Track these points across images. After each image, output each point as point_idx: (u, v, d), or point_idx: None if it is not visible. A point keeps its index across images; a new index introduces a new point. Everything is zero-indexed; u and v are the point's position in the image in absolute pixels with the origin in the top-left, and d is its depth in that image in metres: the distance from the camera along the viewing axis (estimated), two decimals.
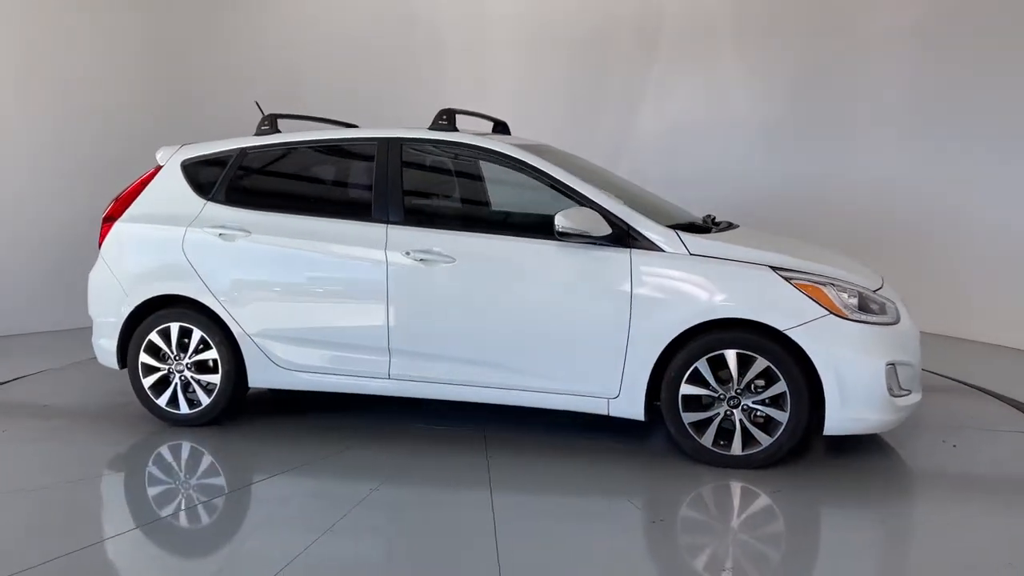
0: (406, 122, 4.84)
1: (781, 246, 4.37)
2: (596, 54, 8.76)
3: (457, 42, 9.01)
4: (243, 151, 4.81)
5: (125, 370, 4.81)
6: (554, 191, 4.32)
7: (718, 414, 4.06)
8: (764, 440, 4.02)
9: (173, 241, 4.73)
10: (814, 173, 7.90)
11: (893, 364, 3.97)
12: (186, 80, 8.14)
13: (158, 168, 4.90)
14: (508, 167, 4.46)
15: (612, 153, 7.78)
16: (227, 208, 4.72)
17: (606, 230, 4.11)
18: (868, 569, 3.30)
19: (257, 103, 5.47)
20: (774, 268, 4.03)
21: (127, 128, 7.62)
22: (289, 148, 4.85)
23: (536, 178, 4.37)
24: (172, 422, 4.76)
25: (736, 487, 3.92)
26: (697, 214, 4.81)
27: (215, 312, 4.63)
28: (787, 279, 3.99)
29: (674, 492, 3.93)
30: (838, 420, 3.93)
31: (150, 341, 4.74)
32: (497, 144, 4.48)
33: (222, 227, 4.64)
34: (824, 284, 3.98)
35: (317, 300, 4.57)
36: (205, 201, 4.75)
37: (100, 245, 4.93)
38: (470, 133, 4.59)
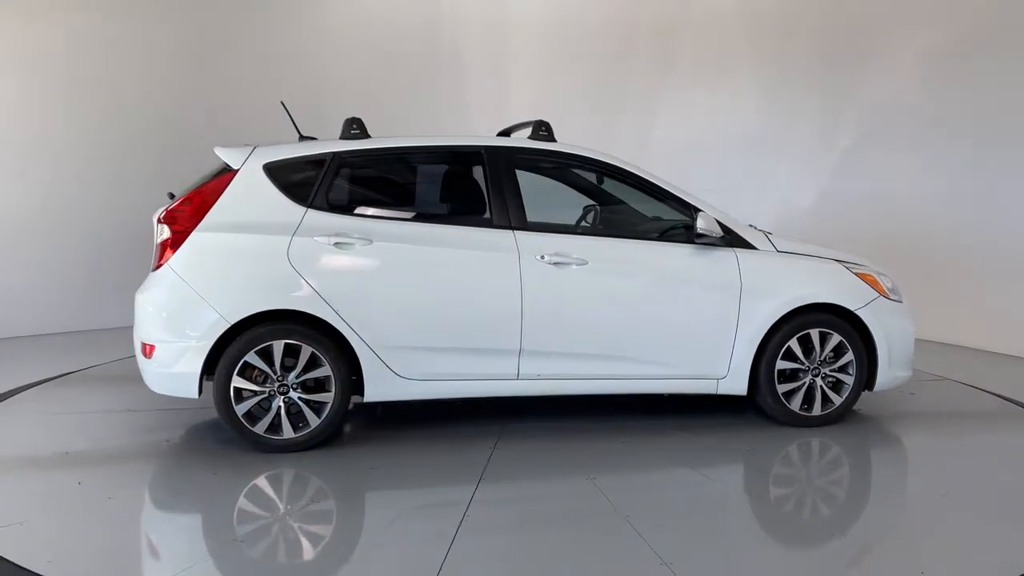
0: (430, 130, 5.03)
1: (824, 246, 5.30)
2: (614, 66, 9.26)
3: (478, 53, 9.61)
4: (338, 155, 4.54)
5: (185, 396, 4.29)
6: (655, 198, 4.84)
7: (804, 383, 4.91)
8: (836, 400, 4.96)
9: (277, 251, 4.32)
10: (831, 186, 8.32)
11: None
12: (208, 87, 8.43)
13: (230, 172, 4.41)
14: (612, 176, 4.86)
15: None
16: (333, 215, 4.43)
17: (720, 232, 4.74)
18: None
19: (283, 103, 5.11)
20: (839, 261, 4.99)
21: (150, 132, 8.10)
22: (388, 154, 4.69)
23: (640, 187, 4.83)
24: (271, 449, 4.34)
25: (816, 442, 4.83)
26: None
27: (331, 325, 4.34)
28: (849, 269, 4.97)
29: (781, 443, 4.71)
30: (885, 379, 5.01)
31: (246, 363, 4.28)
32: (605, 156, 4.85)
33: (337, 235, 4.37)
34: (874, 273, 5.03)
35: (446, 306, 4.51)
36: (305, 208, 4.41)
37: (162, 258, 4.31)
38: (572, 144, 4.88)
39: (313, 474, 4.15)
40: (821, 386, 4.92)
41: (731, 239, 4.79)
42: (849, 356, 4.92)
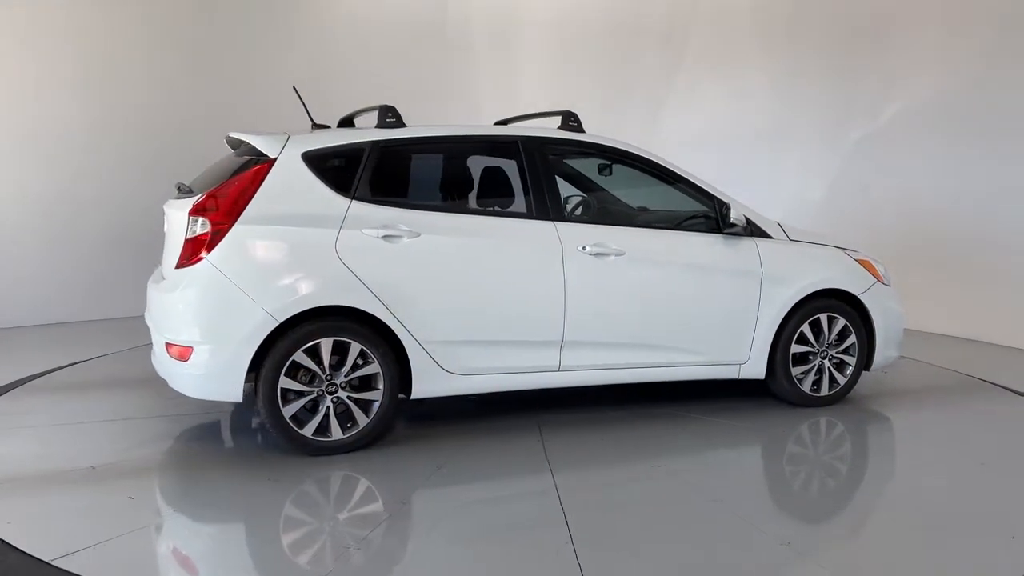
0: (437, 121, 4.97)
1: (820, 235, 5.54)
2: (623, 57, 9.25)
3: (486, 46, 9.70)
4: (378, 144, 4.37)
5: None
6: (679, 189, 4.95)
7: (814, 365, 5.16)
8: (841, 380, 5.24)
9: (324, 245, 4.12)
10: (841, 178, 8.23)
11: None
12: (213, 75, 8.33)
13: (267, 162, 4.16)
14: (639, 167, 4.92)
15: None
16: (377, 207, 4.27)
17: (745, 223, 4.90)
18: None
19: (295, 89, 4.88)
20: (840, 248, 5.27)
21: (159, 124, 8.03)
22: (427, 143, 4.56)
23: (665, 177, 4.92)
24: (319, 452, 4.15)
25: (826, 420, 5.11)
26: None
27: (381, 321, 4.19)
28: (851, 256, 5.26)
29: (791, 424, 4.95)
30: (880, 359, 5.33)
31: (294, 362, 4.07)
32: (632, 146, 4.90)
33: (385, 227, 4.22)
34: (870, 259, 5.34)
35: (492, 299, 4.44)
36: (349, 199, 4.23)
37: (194, 254, 4.02)
38: (600, 135, 4.91)
39: (377, 477, 3.99)
40: (828, 368, 5.19)
41: (751, 229, 4.97)
42: (852, 338, 5.20)
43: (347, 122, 5.12)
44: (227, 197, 4.07)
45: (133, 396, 5.24)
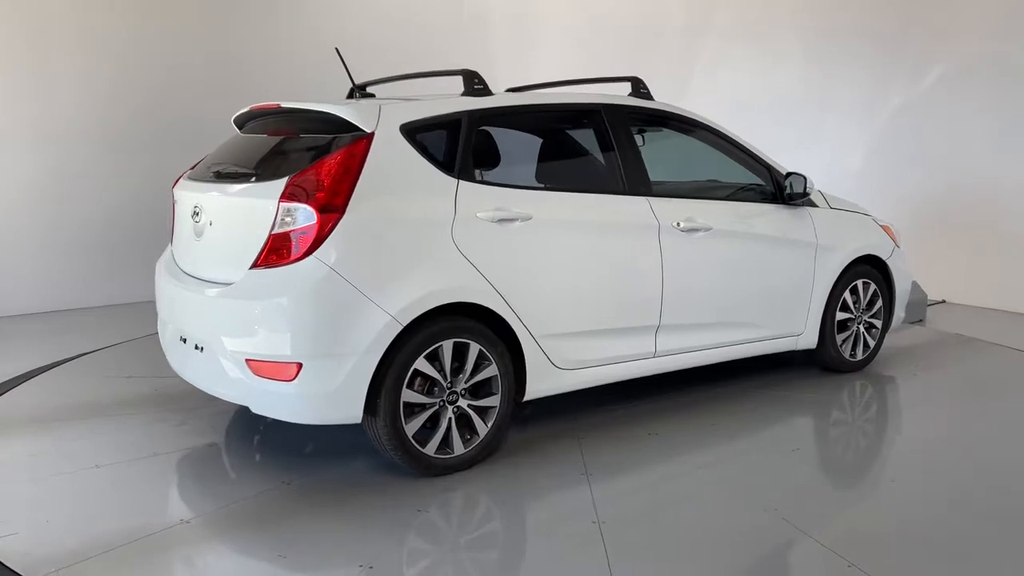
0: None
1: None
2: (650, 24, 8.91)
3: (504, 17, 9.41)
4: (473, 115, 3.81)
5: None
6: (740, 160, 4.77)
7: (853, 331, 5.23)
8: (871, 343, 5.36)
9: (441, 234, 3.54)
10: (879, 145, 7.90)
11: None
12: (222, 51, 7.88)
13: (364, 137, 3.48)
14: (707, 136, 4.68)
15: None
16: (483, 187, 3.73)
17: (809, 192, 4.82)
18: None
19: (337, 50, 4.18)
20: (867, 214, 5.35)
21: (162, 101, 7.59)
22: (520, 112, 4.05)
23: (729, 147, 4.73)
24: (442, 471, 3.61)
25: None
26: None
27: (500, 317, 3.69)
28: (876, 222, 5.36)
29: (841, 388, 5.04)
30: (895, 321, 5.52)
31: (415, 371, 3.48)
32: (698, 115, 4.64)
33: (498, 210, 3.69)
34: (889, 225, 5.47)
35: (600, 285, 4.05)
36: (455, 179, 3.65)
37: (296, 250, 3.31)
38: (668, 103, 4.60)
39: (483, 491, 3.54)
40: (863, 332, 5.29)
41: (805, 199, 4.92)
42: (879, 302, 5.33)
43: (361, 89, 4.47)
44: (330, 180, 3.37)
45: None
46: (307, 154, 3.58)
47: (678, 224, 4.28)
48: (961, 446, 4.18)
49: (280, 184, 3.40)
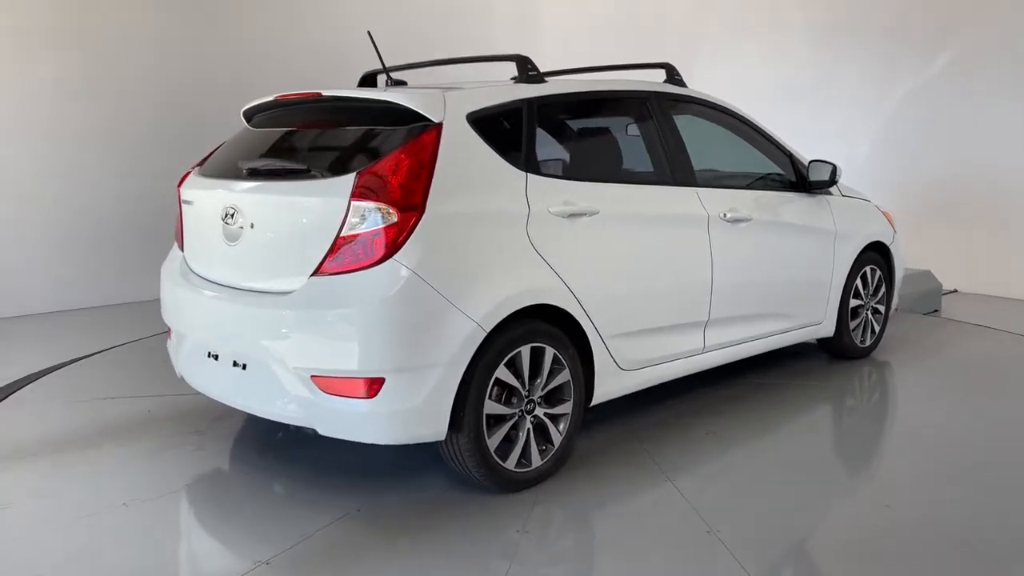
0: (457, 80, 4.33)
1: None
2: (653, 8, 8.81)
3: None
4: (533, 103, 3.54)
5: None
6: (763, 148, 4.69)
7: (863, 318, 5.26)
8: (877, 328, 5.40)
9: (516, 231, 3.29)
10: (887, 133, 7.82)
11: None
12: (226, 42, 7.71)
13: (433, 128, 3.17)
14: (736, 125, 4.56)
15: None
16: (550, 180, 3.49)
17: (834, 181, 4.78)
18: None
19: (369, 33, 3.83)
20: (869, 200, 5.38)
21: (169, 99, 7.40)
22: (577, 99, 3.82)
23: (755, 135, 4.63)
24: (522, 486, 3.36)
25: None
26: None
27: (573, 319, 3.46)
28: (878, 209, 5.40)
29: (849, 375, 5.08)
30: (893, 305, 5.60)
31: (496, 379, 3.21)
32: (727, 103, 4.52)
33: (567, 205, 3.45)
34: (888, 211, 5.53)
35: (660, 280, 3.88)
36: (523, 172, 3.38)
37: (371, 253, 2.98)
38: (701, 92, 4.45)
39: (575, 502, 3.33)
40: (870, 318, 5.33)
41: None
42: (883, 289, 5.39)
43: (370, 79, 4.16)
44: (406, 175, 3.05)
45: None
46: (366, 148, 3.25)
47: (724, 215, 4.16)
48: None
49: (347, 181, 3.06)
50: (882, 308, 5.40)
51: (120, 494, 3.39)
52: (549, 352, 3.39)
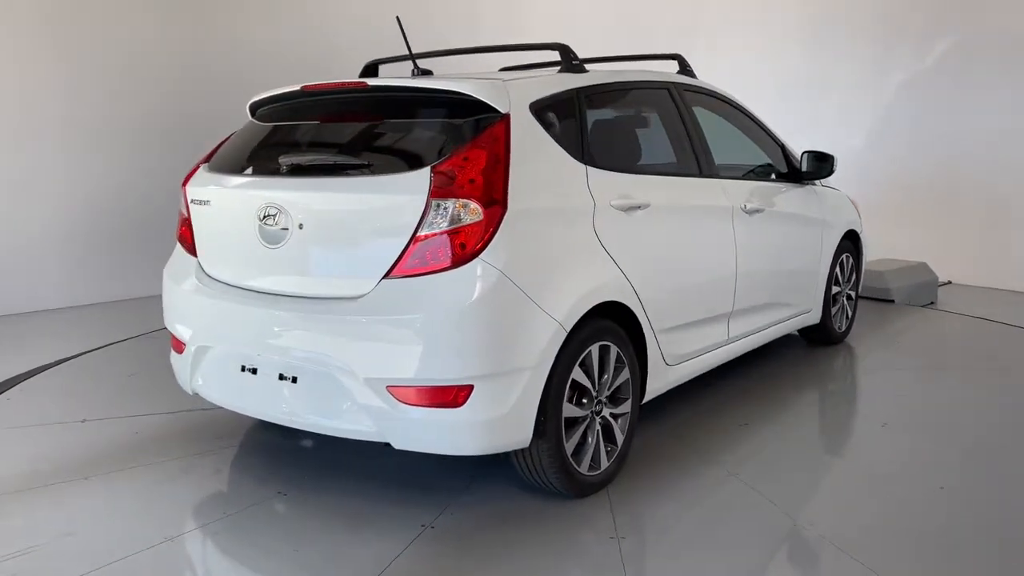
0: (440, 67, 4.20)
1: None
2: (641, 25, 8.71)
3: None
4: (582, 92, 3.40)
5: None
6: (758, 139, 4.74)
7: (840, 304, 5.41)
8: (850, 314, 5.58)
9: (585, 227, 3.16)
10: (880, 127, 7.72)
11: None
12: (227, 36, 7.60)
13: (501, 119, 2.98)
14: (733, 116, 4.58)
15: None
16: (606, 172, 3.36)
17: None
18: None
19: (398, 19, 3.59)
20: (840, 191, 5.54)
21: (166, 96, 7.29)
22: (620, 89, 3.75)
23: (751, 128, 4.68)
24: (594, 489, 3.24)
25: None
26: None
27: (633, 315, 3.36)
28: (848, 198, 5.58)
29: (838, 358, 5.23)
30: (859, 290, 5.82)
31: (572, 381, 3.08)
32: (731, 95, 4.52)
33: (624, 198, 3.34)
34: (853, 200, 5.71)
35: (700, 273, 3.85)
36: (584, 164, 3.25)
37: (452, 254, 2.78)
38: (708, 82, 4.43)
39: (655, 504, 3.25)
40: (845, 304, 5.50)
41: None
42: (854, 275, 5.57)
43: (373, 69, 3.94)
44: (484, 169, 2.86)
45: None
46: (430, 141, 3.03)
47: (744, 206, 4.17)
48: None
49: (422, 176, 2.84)
50: (853, 294, 5.59)
51: (159, 528, 3.04)
52: (613, 350, 3.28)
